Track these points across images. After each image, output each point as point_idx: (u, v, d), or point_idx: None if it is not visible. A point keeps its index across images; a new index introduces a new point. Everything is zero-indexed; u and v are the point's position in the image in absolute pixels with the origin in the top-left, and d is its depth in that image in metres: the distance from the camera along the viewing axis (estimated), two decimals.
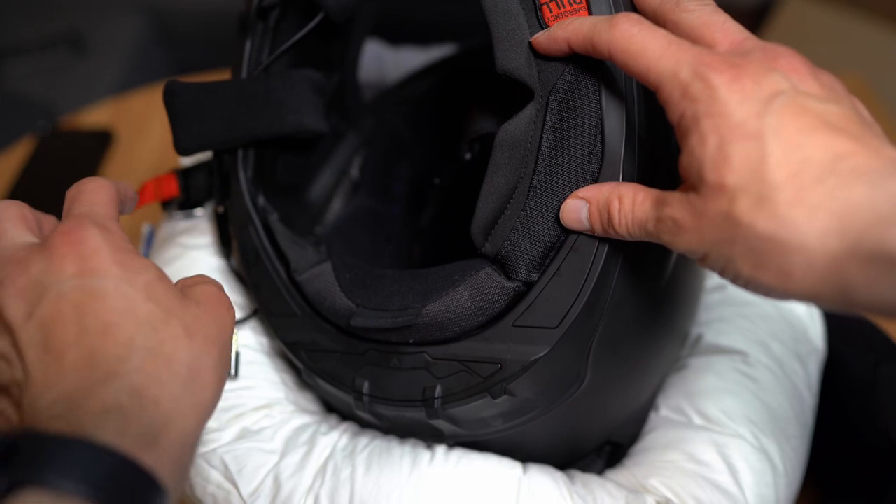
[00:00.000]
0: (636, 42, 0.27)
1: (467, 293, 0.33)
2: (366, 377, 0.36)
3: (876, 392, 0.47)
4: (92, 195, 0.30)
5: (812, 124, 0.24)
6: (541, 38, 0.31)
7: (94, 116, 0.86)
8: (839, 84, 0.26)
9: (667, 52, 0.27)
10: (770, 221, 0.24)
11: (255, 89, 0.39)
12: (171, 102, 0.38)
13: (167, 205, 0.46)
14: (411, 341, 0.35)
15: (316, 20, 0.40)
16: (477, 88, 0.43)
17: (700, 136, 0.25)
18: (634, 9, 0.32)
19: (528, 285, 0.33)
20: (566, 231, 0.32)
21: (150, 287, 0.27)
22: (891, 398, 0.47)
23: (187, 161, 0.48)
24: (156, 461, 0.23)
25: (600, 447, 0.42)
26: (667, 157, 0.34)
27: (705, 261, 0.27)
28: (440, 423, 0.35)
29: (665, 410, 0.42)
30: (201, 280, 0.31)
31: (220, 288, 0.31)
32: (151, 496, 0.23)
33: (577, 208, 0.31)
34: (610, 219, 0.29)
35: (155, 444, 0.24)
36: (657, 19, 0.30)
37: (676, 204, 0.27)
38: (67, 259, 0.26)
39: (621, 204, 0.29)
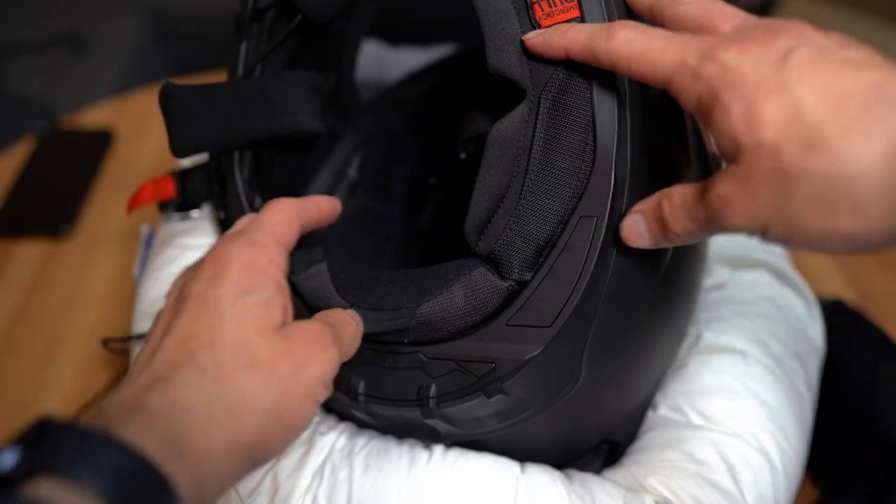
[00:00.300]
0: (636, 45, 0.27)
1: (461, 292, 0.33)
2: (361, 377, 0.36)
3: (876, 391, 0.47)
4: (265, 215, 0.32)
5: (836, 67, 0.23)
6: (536, 40, 0.31)
7: (94, 116, 0.87)
8: (851, 40, 0.25)
9: (669, 46, 0.26)
10: (825, 160, 0.23)
11: (251, 91, 0.39)
12: (167, 105, 0.38)
13: (164, 206, 0.46)
14: (406, 341, 0.35)
15: (294, 22, 0.40)
16: (475, 88, 0.43)
17: (723, 108, 0.25)
18: (627, 6, 0.32)
19: (522, 284, 0.33)
20: (558, 229, 0.32)
21: (248, 309, 0.28)
22: (891, 398, 0.47)
23: (186, 162, 0.48)
24: (175, 471, 0.23)
25: (598, 446, 0.42)
26: (661, 154, 0.34)
27: (768, 232, 0.25)
28: (436, 423, 0.35)
29: (664, 409, 0.42)
30: (323, 315, 0.32)
31: (334, 329, 0.30)
32: (163, 498, 0.22)
33: (635, 222, 0.30)
34: (664, 220, 0.29)
35: (177, 453, 0.24)
36: (654, 18, 0.30)
37: (721, 182, 0.26)
38: (207, 269, 0.29)
39: (671, 202, 0.28)
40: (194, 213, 0.47)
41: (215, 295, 0.28)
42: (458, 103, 0.51)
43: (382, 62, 0.64)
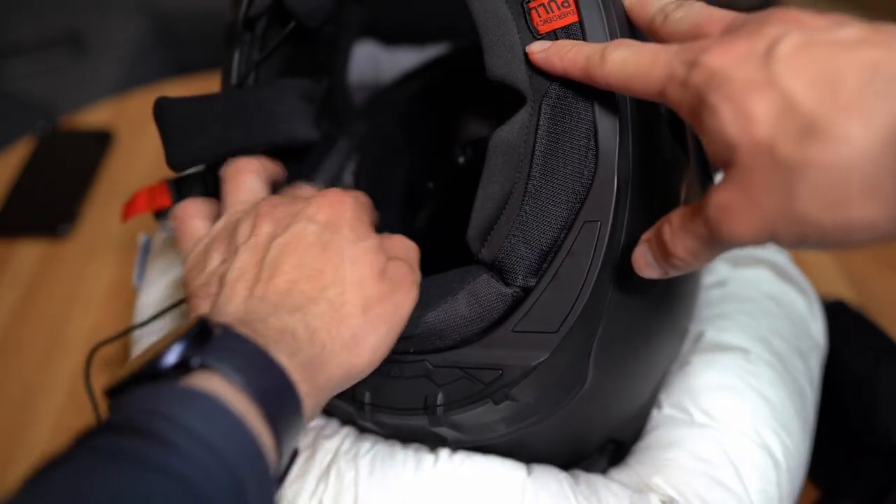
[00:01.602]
0: (628, 66, 0.27)
1: (465, 300, 0.34)
2: (367, 387, 0.36)
3: (876, 391, 0.47)
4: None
5: (825, 50, 0.22)
6: (538, 56, 0.31)
7: (94, 116, 0.86)
8: (847, 18, 0.24)
9: (657, 60, 0.26)
10: (825, 148, 0.21)
11: (245, 100, 0.39)
12: (162, 119, 0.38)
13: (160, 215, 0.46)
14: (412, 350, 0.35)
15: (288, 28, 0.40)
16: (470, 89, 0.43)
17: (712, 111, 0.24)
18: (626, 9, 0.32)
19: (527, 290, 0.33)
20: (562, 234, 0.32)
21: (365, 253, 0.32)
22: (891, 397, 0.47)
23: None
24: (304, 393, 0.27)
25: (603, 446, 0.42)
26: (663, 158, 0.34)
27: (778, 237, 0.24)
28: (443, 430, 0.35)
29: (668, 408, 0.42)
30: (400, 254, 0.35)
31: (412, 267, 0.34)
32: (295, 419, 0.26)
33: (644, 253, 0.30)
34: (665, 244, 0.28)
35: (310, 379, 0.27)
36: (652, 36, 0.30)
37: (718, 191, 0.25)
38: (324, 209, 0.32)
39: (671, 225, 0.28)
40: None
41: (337, 239, 0.31)
42: (453, 105, 0.51)
43: (378, 63, 0.64)
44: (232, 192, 0.35)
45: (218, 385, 0.24)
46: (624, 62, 0.28)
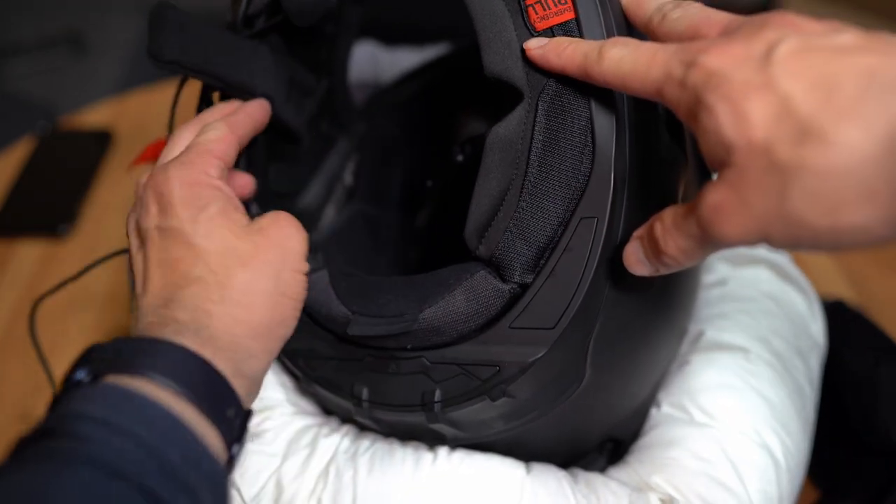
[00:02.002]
0: (625, 64, 0.27)
1: (463, 297, 0.34)
2: (365, 383, 0.36)
3: (876, 391, 0.47)
4: (199, 137, 0.34)
5: (824, 55, 0.23)
6: (535, 53, 0.31)
7: (94, 116, 0.87)
8: (843, 25, 0.24)
9: (655, 59, 0.27)
10: (822, 151, 0.21)
11: (243, 44, 0.38)
12: (158, 13, 0.36)
13: None
14: (409, 347, 0.35)
15: (275, 19, 0.40)
16: (468, 89, 0.43)
17: (709, 111, 0.24)
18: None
19: (524, 287, 0.33)
20: (559, 231, 0.32)
21: (211, 222, 0.31)
22: (891, 398, 0.47)
23: None
24: (211, 356, 0.28)
25: (602, 444, 0.42)
26: (660, 155, 0.34)
27: (771, 239, 0.24)
28: (441, 427, 0.35)
29: (667, 407, 0.42)
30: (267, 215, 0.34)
31: (287, 214, 0.34)
32: (207, 377, 0.28)
33: (635, 250, 0.30)
34: (656, 242, 0.28)
35: (209, 343, 0.29)
36: (649, 35, 0.30)
37: (712, 190, 0.25)
38: (151, 203, 0.32)
39: (663, 223, 0.28)
40: None
41: (175, 222, 0.31)
42: (451, 104, 0.51)
43: (378, 63, 0.64)
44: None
45: (114, 379, 0.26)
46: (621, 60, 0.28)
